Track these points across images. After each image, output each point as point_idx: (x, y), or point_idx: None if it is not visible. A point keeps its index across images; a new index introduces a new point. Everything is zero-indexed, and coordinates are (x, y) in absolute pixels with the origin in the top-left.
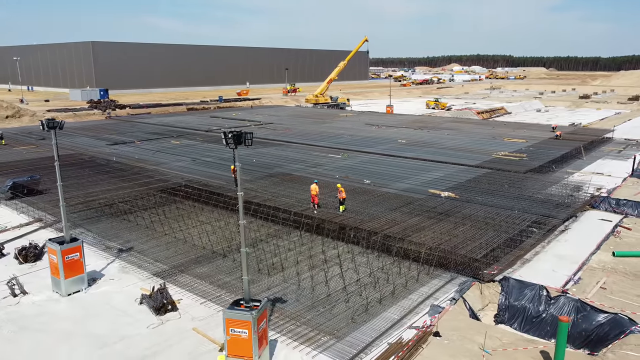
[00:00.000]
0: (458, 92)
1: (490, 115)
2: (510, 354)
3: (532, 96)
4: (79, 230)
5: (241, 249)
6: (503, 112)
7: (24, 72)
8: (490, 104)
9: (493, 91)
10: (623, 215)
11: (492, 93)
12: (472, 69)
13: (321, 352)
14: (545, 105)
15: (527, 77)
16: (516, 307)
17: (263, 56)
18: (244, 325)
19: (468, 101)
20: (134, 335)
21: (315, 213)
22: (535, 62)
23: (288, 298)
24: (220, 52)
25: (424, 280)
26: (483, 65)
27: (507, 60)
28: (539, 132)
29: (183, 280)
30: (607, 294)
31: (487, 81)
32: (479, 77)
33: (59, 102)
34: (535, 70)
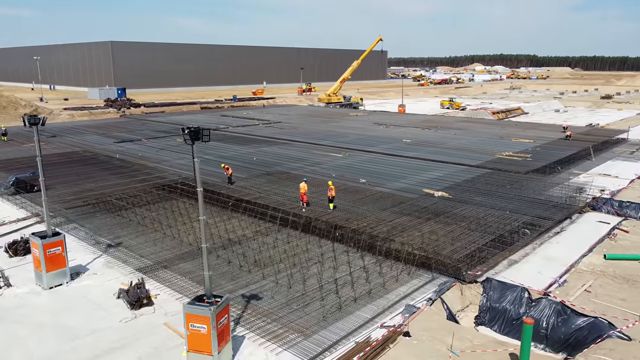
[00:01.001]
0: (476, 92)
1: (506, 115)
2: (478, 355)
3: (552, 96)
4: (73, 226)
5: (201, 245)
6: (520, 112)
7: (46, 72)
8: (507, 104)
9: (513, 91)
10: (623, 217)
11: (512, 93)
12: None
13: (286, 350)
14: (565, 105)
15: (549, 77)
16: (497, 308)
17: (280, 55)
18: (203, 320)
19: (485, 101)
20: (106, 328)
21: (303, 211)
22: (560, 62)
23: (264, 295)
24: (238, 52)
25: (404, 279)
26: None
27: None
28: (549, 132)
29: (164, 275)
30: (591, 298)
31: (507, 81)
32: (499, 77)
33: (78, 100)
34: (559, 70)
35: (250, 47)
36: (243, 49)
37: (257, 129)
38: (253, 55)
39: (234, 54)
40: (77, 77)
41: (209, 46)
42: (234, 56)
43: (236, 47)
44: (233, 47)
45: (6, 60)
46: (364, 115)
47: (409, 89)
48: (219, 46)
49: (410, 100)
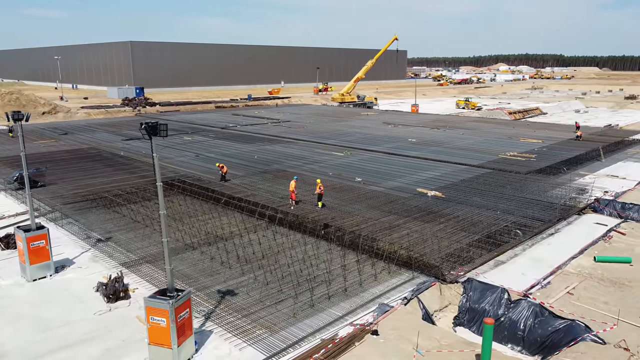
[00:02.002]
0: (496, 92)
1: (523, 115)
2: (443, 355)
3: (574, 97)
4: (68, 220)
5: (162, 239)
6: (538, 113)
7: (69, 71)
8: (525, 104)
9: (534, 91)
10: (622, 219)
11: (533, 93)
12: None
13: (250, 345)
14: (587, 105)
15: (574, 77)
16: (476, 309)
17: (299, 55)
18: (162, 313)
19: (503, 101)
20: (80, 320)
21: (292, 209)
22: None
23: (240, 291)
24: (257, 51)
25: (383, 278)
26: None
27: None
28: (561, 132)
29: (146, 270)
30: (572, 300)
31: (530, 81)
32: (522, 77)
33: (97, 99)
34: (586, 70)
35: (269, 47)
36: (261, 48)
37: (265, 127)
38: (271, 54)
39: (253, 54)
40: (98, 76)
41: (227, 46)
42: (252, 56)
43: (254, 46)
44: (251, 47)
45: (32, 60)
46: (375, 115)
47: (427, 89)
48: (237, 46)
49: (427, 100)
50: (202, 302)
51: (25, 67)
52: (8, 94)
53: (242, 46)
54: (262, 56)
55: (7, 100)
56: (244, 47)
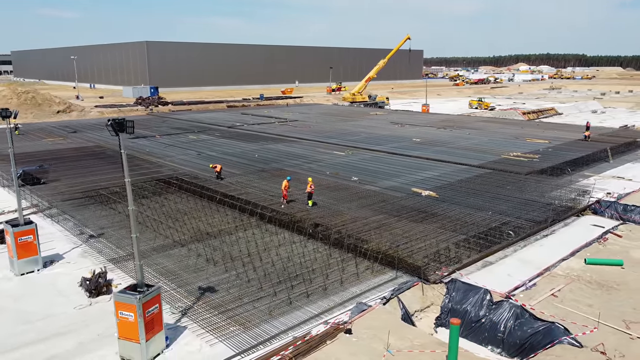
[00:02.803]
0: (512, 91)
1: (537, 116)
2: (413, 355)
3: (593, 97)
4: (64, 217)
5: (131, 235)
6: (553, 113)
7: (87, 71)
8: (540, 105)
9: (552, 91)
10: (621, 222)
11: (550, 93)
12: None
13: (222, 341)
14: (605, 106)
15: (595, 77)
16: (458, 310)
17: (313, 55)
18: (130, 308)
19: (518, 101)
20: (60, 314)
21: (282, 207)
22: (610, 62)
23: (220, 288)
24: (271, 51)
25: (366, 277)
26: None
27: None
28: (570, 133)
29: (131, 265)
30: (556, 302)
31: (549, 81)
32: (541, 77)
33: (112, 98)
34: (608, 70)
35: (283, 47)
36: (276, 48)
37: (271, 126)
38: (286, 54)
39: (267, 54)
40: (115, 76)
41: (242, 46)
42: (267, 56)
43: (269, 46)
44: (266, 47)
45: (52, 60)
46: (383, 115)
47: (442, 89)
48: (252, 46)
49: (440, 100)
50: (181, 299)
51: (45, 67)
52: (24, 93)
53: (256, 46)
54: (277, 56)
55: (24, 99)
56: (258, 47)
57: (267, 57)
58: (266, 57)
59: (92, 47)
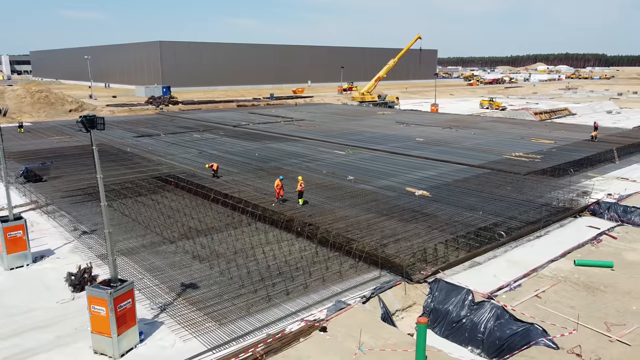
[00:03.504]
0: (527, 92)
1: (549, 116)
2: (385, 354)
3: (609, 97)
4: (60, 213)
5: (105, 231)
6: (566, 113)
7: (103, 70)
8: (554, 105)
9: (567, 91)
10: (618, 223)
11: (566, 93)
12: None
13: (195, 337)
14: (621, 106)
15: (615, 77)
16: (440, 310)
17: (326, 54)
18: (102, 303)
19: (532, 101)
20: (41, 308)
21: (273, 205)
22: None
23: (202, 285)
24: (283, 51)
25: (349, 276)
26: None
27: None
28: (579, 133)
29: (119, 262)
30: (538, 303)
31: (565, 81)
32: (557, 77)
33: (125, 98)
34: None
35: (296, 47)
36: (288, 48)
37: (276, 126)
38: (299, 54)
39: (280, 53)
40: (129, 75)
41: (255, 45)
42: (280, 55)
43: (282, 46)
44: (278, 47)
45: (68, 59)
46: (390, 114)
47: (456, 89)
48: (264, 45)
49: (452, 100)
50: (162, 295)
51: (62, 67)
52: (38, 92)
53: (269, 46)
54: (290, 56)
55: (37, 98)
56: (271, 46)
57: (280, 56)
58: (279, 56)
59: (107, 47)
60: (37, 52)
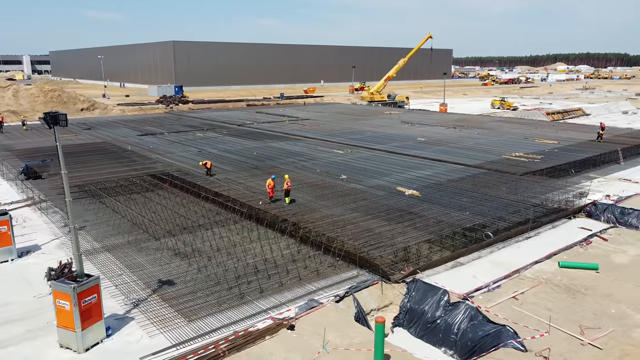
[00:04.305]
0: (542, 92)
1: (562, 116)
2: (348, 353)
3: (627, 97)
4: (53, 210)
5: (70, 226)
6: (580, 114)
7: (118, 70)
8: (568, 105)
9: (584, 91)
10: (611, 225)
11: (583, 93)
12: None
13: (162, 332)
14: (638, 107)
15: (635, 77)
16: (416, 310)
17: (339, 54)
18: (66, 297)
19: (545, 101)
20: (17, 302)
21: (260, 204)
22: None
23: (179, 281)
24: (298, 50)
25: (327, 274)
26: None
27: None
28: (586, 133)
29: (102, 258)
30: (515, 305)
31: (584, 81)
32: (576, 77)
33: (138, 97)
34: None
35: (310, 46)
36: (302, 47)
37: (280, 125)
38: (312, 53)
39: (294, 53)
40: (143, 75)
41: (268, 45)
42: (293, 55)
43: (296, 45)
44: (292, 46)
45: (85, 59)
46: (397, 114)
47: (470, 89)
48: (278, 45)
49: (465, 100)
50: (138, 290)
51: (79, 67)
52: (51, 91)
53: (283, 45)
54: (303, 55)
55: (50, 97)
56: (285, 46)
57: (294, 56)
58: (293, 56)
59: (122, 47)
60: (56, 52)
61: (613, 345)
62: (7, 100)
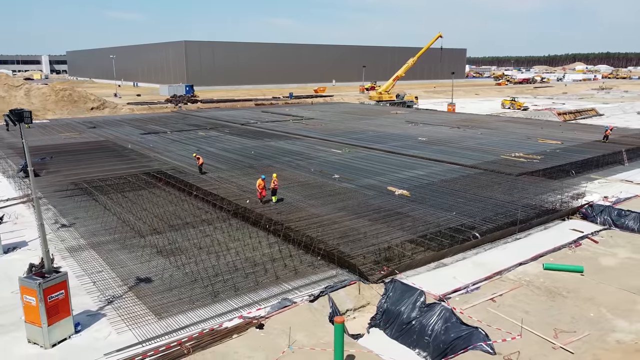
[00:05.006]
0: (556, 92)
1: (574, 116)
2: (313, 353)
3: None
4: (47, 207)
5: (37, 222)
6: (593, 114)
7: (132, 70)
8: (581, 105)
9: (600, 91)
10: (604, 227)
11: (598, 93)
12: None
13: (130, 329)
14: None
15: None
16: (393, 311)
17: (352, 54)
18: (32, 293)
19: (558, 101)
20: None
21: (247, 203)
22: None
23: (156, 278)
24: (309, 50)
25: (305, 273)
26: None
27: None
28: (592, 134)
29: (85, 255)
30: (491, 307)
31: (601, 81)
32: (593, 77)
33: (149, 96)
34: None
35: (322, 46)
36: (315, 47)
37: (283, 124)
38: (325, 53)
39: (306, 53)
40: (156, 74)
41: (280, 45)
42: (306, 54)
43: (308, 45)
44: (305, 46)
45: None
46: (403, 114)
47: (483, 88)
48: (290, 45)
49: (476, 100)
50: (114, 287)
51: (94, 66)
52: (62, 90)
53: (294, 45)
54: (315, 55)
55: (61, 96)
56: (297, 45)
57: (306, 56)
58: (304, 56)
59: (135, 47)
60: (73, 52)
61: (586, 349)
62: (19, 99)
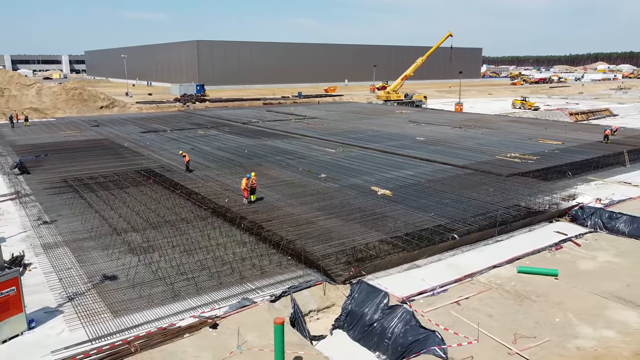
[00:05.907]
0: (572, 92)
1: (587, 117)
2: (261, 354)
3: None
4: (33, 204)
5: None
6: (607, 114)
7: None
8: (594, 105)
9: (618, 91)
10: (591, 230)
11: (616, 94)
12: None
13: (85, 326)
14: None
15: None
16: (357, 313)
17: (364, 53)
18: None
19: (573, 101)
20: None
21: (226, 201)
22: None
23: (122, 276)
24: (322, 50)
25: (271, 273)
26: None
27: None
28: (595, 134)
29: (59, 252)
30: (454, 310)
31: (620, 80)
32: (613, 77)
33: (160, 95)
34: None
35: (335, 45)
36: (328, 46)
37: (285, 124)
38: (338, 52)
39: (319, 52)
40: (169, 74)
41: (291, 44)
42: (318, 54)
43: (321, 44)
44: (317, 45)
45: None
46: (408, 113)
47: (497, 88)
48: (303, 44)
49: (488, 100)
50: (79, 284)
51: (110, 66)
52: (72, 89)
53: (307, 44)
54: (328, 54)
55: (72, 95)
56: (308, 45)
57: (319, 55)
58: (317, 55)
59: (149, 46)
60: (90, 52)
61: (543, 355)
62: (30, 98)
